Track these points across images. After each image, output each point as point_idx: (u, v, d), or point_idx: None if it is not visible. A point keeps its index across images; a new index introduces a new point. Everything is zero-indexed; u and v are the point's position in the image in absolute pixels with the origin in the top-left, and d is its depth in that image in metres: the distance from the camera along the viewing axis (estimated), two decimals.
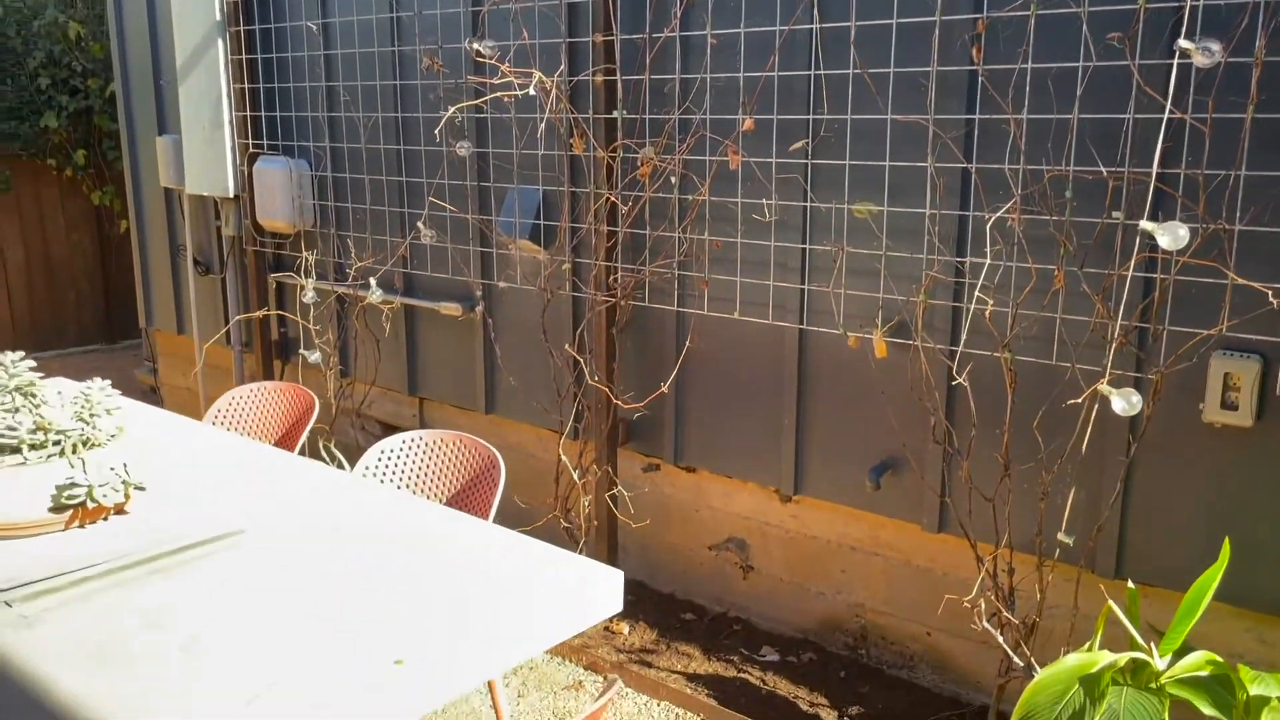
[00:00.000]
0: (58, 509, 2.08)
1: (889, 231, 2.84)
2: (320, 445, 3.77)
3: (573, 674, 3.21)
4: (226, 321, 4.94)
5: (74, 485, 2.05)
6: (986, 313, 2.63)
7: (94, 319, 7.97)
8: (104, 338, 8.01)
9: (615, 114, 3.24)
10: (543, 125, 3.47)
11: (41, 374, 2.37)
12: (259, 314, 4.47)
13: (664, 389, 3.31)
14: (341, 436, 4.33)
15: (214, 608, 1.75)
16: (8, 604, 1.75)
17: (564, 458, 3.54)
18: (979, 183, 2.66)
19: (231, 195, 4.53)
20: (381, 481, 2.67)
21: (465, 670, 1.62)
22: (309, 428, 2.95)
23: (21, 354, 2.29)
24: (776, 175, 3.02)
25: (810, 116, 2.93)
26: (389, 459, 2.72)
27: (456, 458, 2.69)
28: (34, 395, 2.23)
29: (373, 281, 3.87)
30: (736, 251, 3.14)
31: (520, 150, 3.56)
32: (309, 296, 4.03)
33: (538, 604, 1.80)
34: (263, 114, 4.44)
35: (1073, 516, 2.63)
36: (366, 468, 2.72)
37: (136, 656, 1.59)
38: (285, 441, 3.05)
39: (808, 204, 2.98)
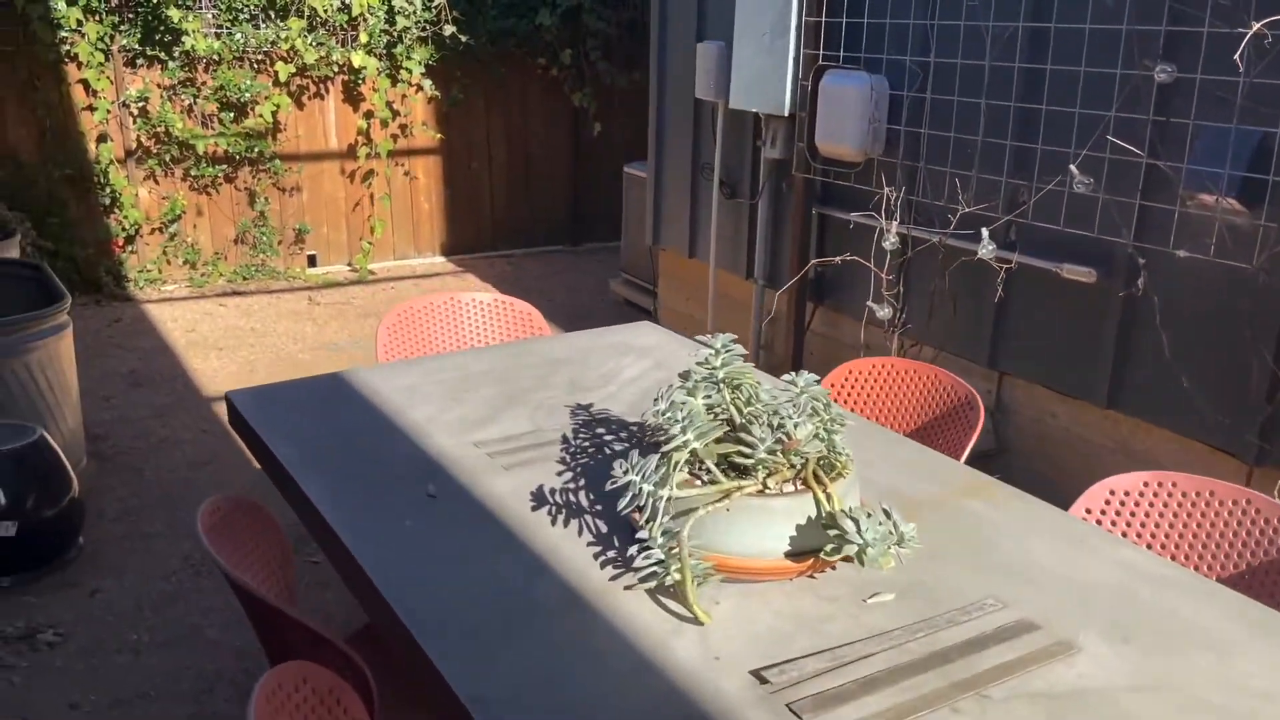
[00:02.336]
0: (803, 554, 1.60)
1: None
2: None
3: None
4: (750, 251, 4.49)
5: (842, 536, 1.55)
6: None
7: (561, 221, 8.03)
8: (568, 239, 8.07)
9: None
10: None
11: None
12: (835, 260, 3.91)
13: None
14: None
15: None
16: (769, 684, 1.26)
17: None
18: None
19: (786, 113, 3.99)
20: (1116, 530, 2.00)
21: None
22: (976, 435, 2.33)
23: (814, 377, 1.79)
24: None
25: None
26: (1123, 504, 2.03)
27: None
28: (754, 395, 1.76)
29: (985, 232, 3.17)
30: None
31: (1253, 78, 2.64)
32: (890, 241, 3.42)
33: None
34: (844, 20, 3.82)
35: None
36: (1087, 510, 2.05)
37: None
38: (930, 442, 2.47)
39: None
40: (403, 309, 3.10)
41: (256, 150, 6.77)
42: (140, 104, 6.43)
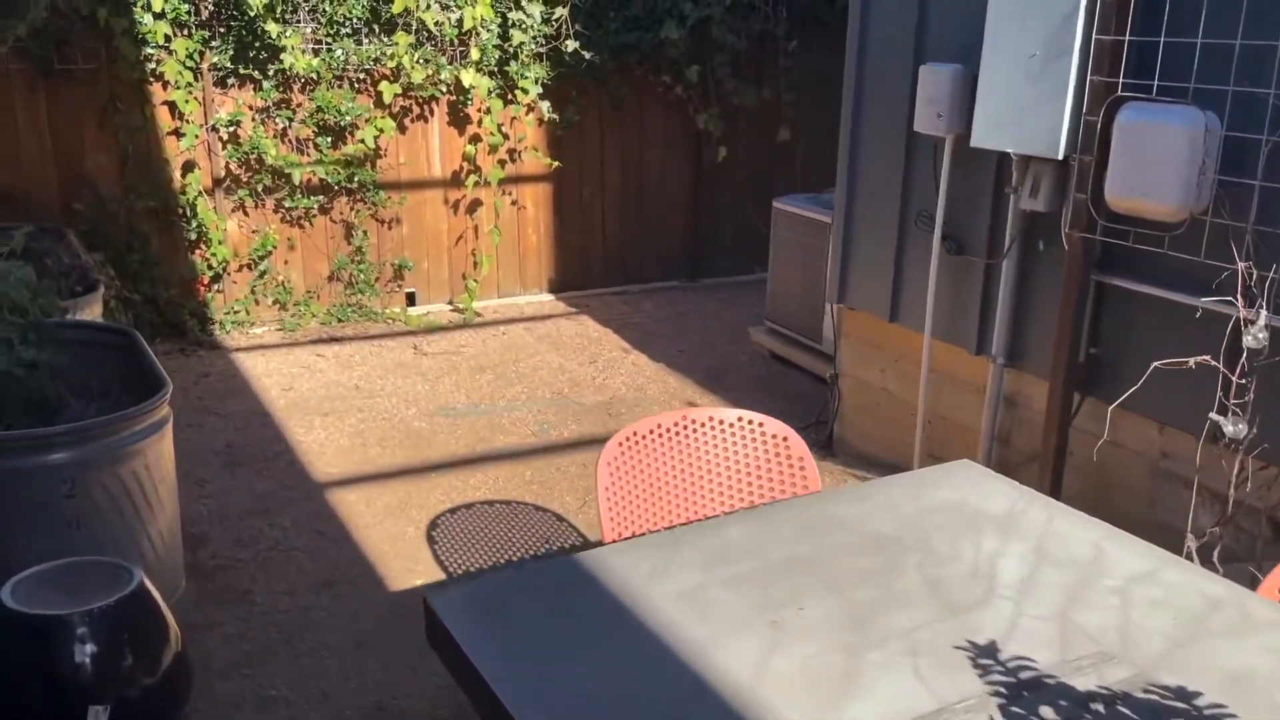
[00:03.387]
0: None
1: None
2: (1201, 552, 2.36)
3: None
4: (984, 321, 3.66)
5: None
6: None
7: (678, 254, 7.24)
8: (685, 274, 7.28)
9: None
10: None
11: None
12: (1187, 362, 3.00)
13: None
14: (1234, 544, 2.89)
15: None
16: None
17: None
18: None
19: (1058, 156, 3.16)
20: None
21: None
22: None
23: None
24: None
25: None
26: None
27: None
28: None
29: None
30: None
31: None
32: (1255, 339, 2.56)
33: None
34: (1161, 39, 2.98)
35: None
36: None
37: None
38: None
39: None
40: (625, 439, 2.30)
41: (355, 179, 6.07)
42: (231, 128, 5.75)
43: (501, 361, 5.55)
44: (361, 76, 5.98)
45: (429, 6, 5.80)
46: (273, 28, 5.52)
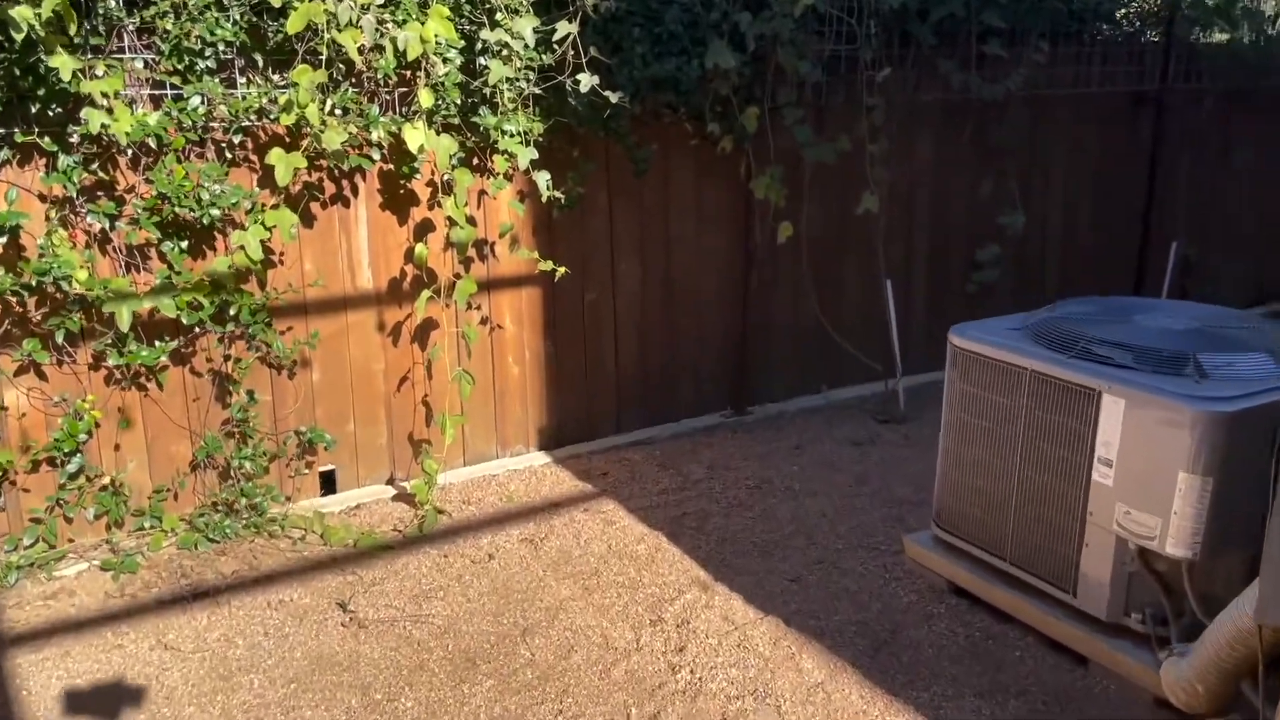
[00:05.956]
0: None
1: None
2: None
3: None
4: None
5: None
6: None
7: (719, 373, 5.00)
8: (727, 402, 5.04)
9: None
10: None
11: None
12: None
13: None
14: None
15: None
16: None
17: None
18: None
19: None
20: None
21: None
22: None
23: None
24: None
25: None
26: None
27: None
28: None
29: None
30: None
31: None
32: None
33: None
34: None
35: None
36: None
37: None
38: None
39: None
40: None
41: (232, 308, 3.66)
42: (2, 237, 3.30)
43: (501, 639, 3.20)
44: (238, 140, 3.58)
45: (350, 22, 3.44)
46: (64, 61, 3.08)
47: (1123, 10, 5.93)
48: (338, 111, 3.59)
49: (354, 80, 3.72)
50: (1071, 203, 5.84)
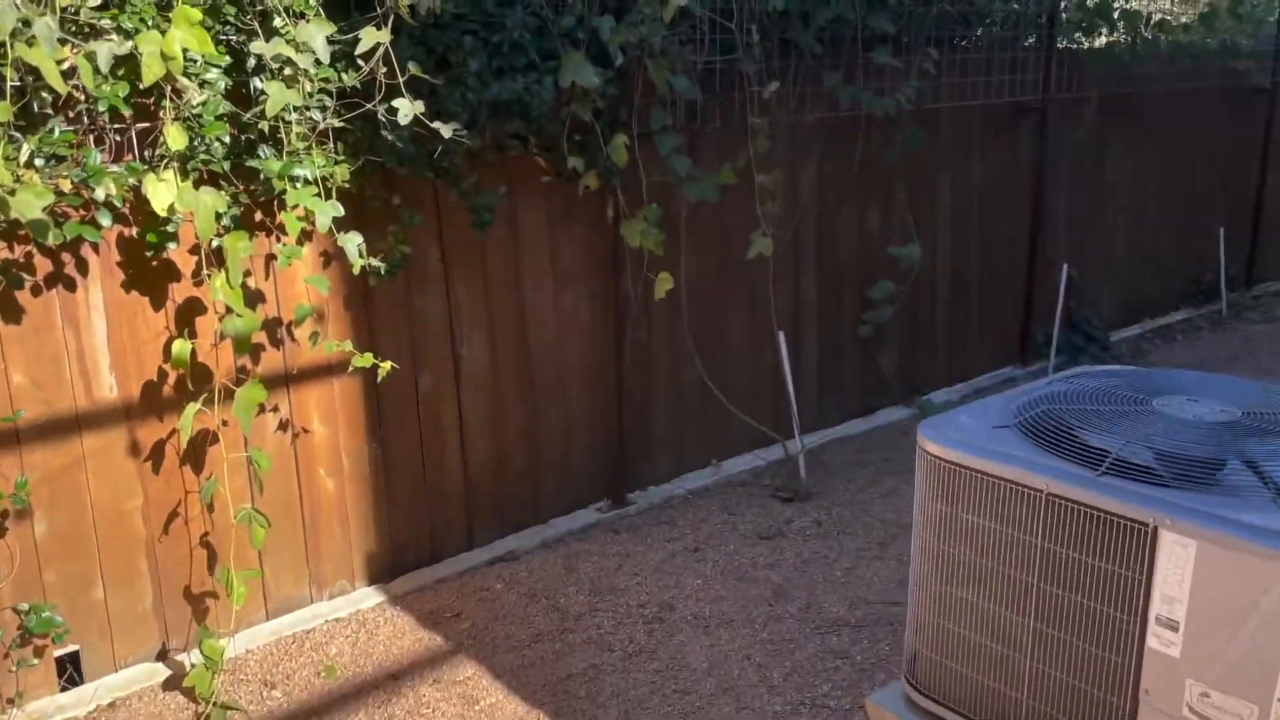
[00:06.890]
0: None
1: None
2: None
3: None
4: None
5: None
6: None
7: (592, 460, 4.07)
8: (604, 491, 4.11)
9: None
10: None
11: None
12: None
13: None
14: None
15: None
16: None
17: None
18: None
19: None
20: None
21: None
22: None
23: None
24: None
25: None
26: None
27: None
28: None
29: None
30: None
31: None
32: None
33: None
34: None
35: None
36: None
37: None
38: None
39: None
40: None
41: None
42: None
43: None
44: None
45: (48, 33, 2.31)
46: None
47: (1002, 15, 5.38)
48: (38, 162, 2.45)
49: (70, 114, 2.59)
50: (959, 228, 5.23)
